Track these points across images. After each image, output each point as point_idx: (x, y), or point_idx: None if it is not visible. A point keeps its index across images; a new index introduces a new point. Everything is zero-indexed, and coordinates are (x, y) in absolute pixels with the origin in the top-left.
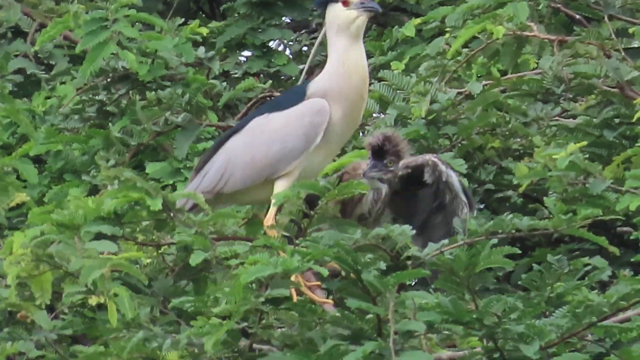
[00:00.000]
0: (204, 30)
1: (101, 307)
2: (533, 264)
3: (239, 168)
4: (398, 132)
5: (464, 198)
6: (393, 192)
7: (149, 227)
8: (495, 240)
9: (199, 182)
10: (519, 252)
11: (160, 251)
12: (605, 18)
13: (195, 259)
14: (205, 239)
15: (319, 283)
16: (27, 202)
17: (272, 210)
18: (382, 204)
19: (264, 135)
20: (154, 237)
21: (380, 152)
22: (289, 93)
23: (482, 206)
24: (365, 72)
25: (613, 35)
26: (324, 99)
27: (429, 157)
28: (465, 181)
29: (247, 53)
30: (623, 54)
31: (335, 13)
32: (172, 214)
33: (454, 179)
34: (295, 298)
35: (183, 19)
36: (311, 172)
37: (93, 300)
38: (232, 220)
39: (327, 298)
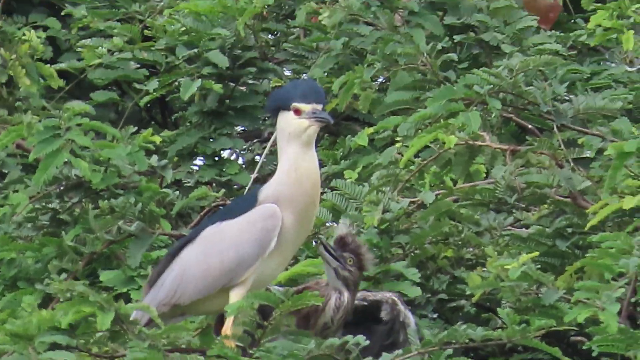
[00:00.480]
0: (157, 139)
1: None
2: None
3: (195, 278)
4: (363, 242)
5: (417, 341)
6: (346, 324)
7: (102, 338)
8: (450, 351)
9: (154, 295)
10: None
11: None
12: (555, 128)
13: None
14: (159, 353)
15: None
16: None
17: (229, 320)
18: (344, 312)
19: (217, 244)
20: (106, 350)
21: (342, 245)
22: (240, 199)
23: (435, 316)
24: (317, 178)
25: (562, 146)
26: (275, 204)
27: (389, 295)
28: (418, 290)
29: (199, 162)
30: (572, 164)
31: (287, 121)
32: (125, 327)
33: (412, 320)
34: None
35: (136, 128)
36: (265, 280)
37: None
38: (185, 333)
39: None
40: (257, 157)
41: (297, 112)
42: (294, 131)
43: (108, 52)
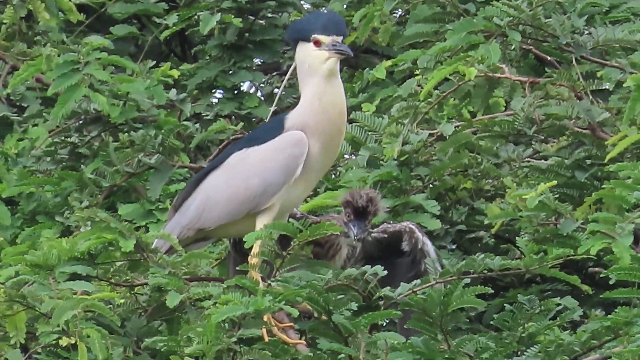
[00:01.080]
0: (175, 73)
1: (75, 347)
2: (505, 304)
3: (219, 204)
4: (377, 193)
5: (439, 268)
6: (369, 257)
7: (122, 267)
8: (467, 280)
9: (179, 219)
10: (491, 291)
11: (133, 291)
12: (574, 60)
13: (171, 301)
14: (179, 280)
15: (291, 324)
16: (0, 243)
17: (255, 249)
18: (354, 262)
19: (243, 170)
20: (127, 278)
21: (363, 213)
22: (266, 126)
23: (454, 247)
24: (343, 107)
25: (581, 78)
26: (302, 131)
27: (407, 224)
28: (438, 223)
29: (218, 95)
30: (591, 96)
31: (306, 52)
32: (145, 255)
33: (430, 249)
34: (266, 338)
35: (154, 62)
36: (290, 206)
37: (64, 342)
38: (205, 260)
39: (300, 339)
40: (276, 90)
41: (317, 43)
42: (313, 63)
43: None
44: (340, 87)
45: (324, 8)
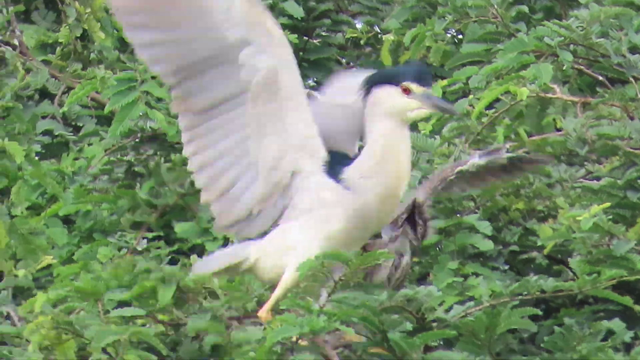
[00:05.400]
0: None
1: None
2: (556, 326)
3: None
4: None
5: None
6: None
7: (168, 306)
8: (516, 302)
9: None
10: (540, 313)
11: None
12: (632, 80)
13: (208, 343)
14: (220, 324)
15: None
16: (53, 265)
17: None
18: (401, 274)
19: None
20: (172, 317)
21: (419, 212)
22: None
23: (506, 267)
24: (409, 157)
25: (639, 95)
26: (361, 180)
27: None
28: (490, 243)
29: None
30: None
31: (391, 95)
32: (186, 298)
33: None
34: None
35: None
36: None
37: None
38: (248, 302)
39: None
40: None
41: (407, 91)
42: (397, 108)
43: None
44: (409, 138)
45: (377, 27)
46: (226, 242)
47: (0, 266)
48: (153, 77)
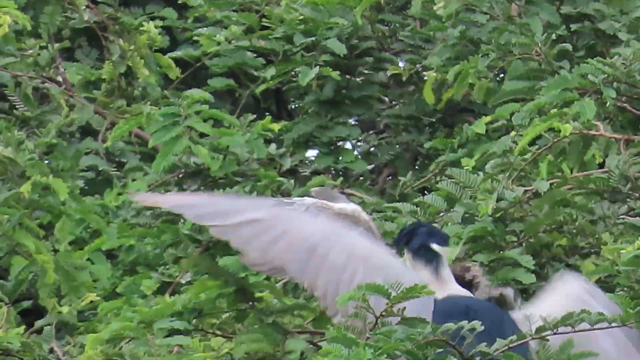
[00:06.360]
0: (276, 127)
1: None
2: None
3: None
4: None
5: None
6: None
7: (229, 319)
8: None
9: None
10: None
11: (225, 351)
12: None
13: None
14: (278, 333)
15: None
16: (96, 302)
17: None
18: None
19: None
20: (234, 330)
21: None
22: None
23: None
24: None
25: None
26: None
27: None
28: (533, 277)
29: (312, 152)
30: None
31: None
32: (251, 304)
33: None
34: None
35: (254, 116)
36: None
37: None
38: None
39: None
40: (372, 149)
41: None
42: None
43: (225, 40)
44: None
45: (419, 65)
46: (268, 278)
47: (44, 302)
48: (197, 113)
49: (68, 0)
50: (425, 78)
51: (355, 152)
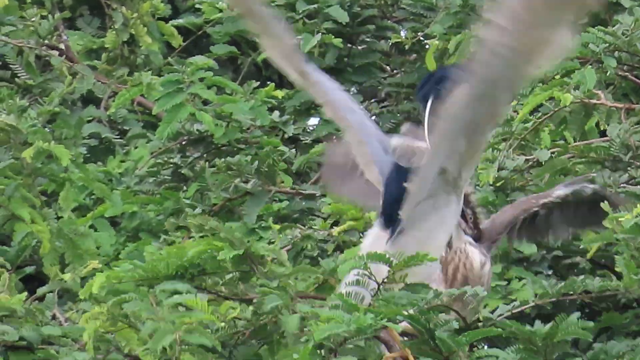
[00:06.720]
0: (280, 94)
1: None
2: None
3: None
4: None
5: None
6: None
7: (233, 279)
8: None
9: None
10: (592, 324)
11: (232, 316)
12: None
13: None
14: (286, 294)
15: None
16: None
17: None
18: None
19: None
20: (237, 292)
21: (466, 202)
22: None
23: (550, 272)
24: None
25: None
26: None
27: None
28: (534, 247)
29: (314, 120)
30: None
31: None
32: (253, 267)
33: None
34: None
35: (258, 83)
36: None
37: None
38: (314, 273)
39: None
40: (374, 118)
41: None
42: None
43: (227, 7)
44: None
45: (420, 33)
46: (271, 243)
47: (46, 270)
48: (201, 80)
49: None
50: (427, 46)
51: None
